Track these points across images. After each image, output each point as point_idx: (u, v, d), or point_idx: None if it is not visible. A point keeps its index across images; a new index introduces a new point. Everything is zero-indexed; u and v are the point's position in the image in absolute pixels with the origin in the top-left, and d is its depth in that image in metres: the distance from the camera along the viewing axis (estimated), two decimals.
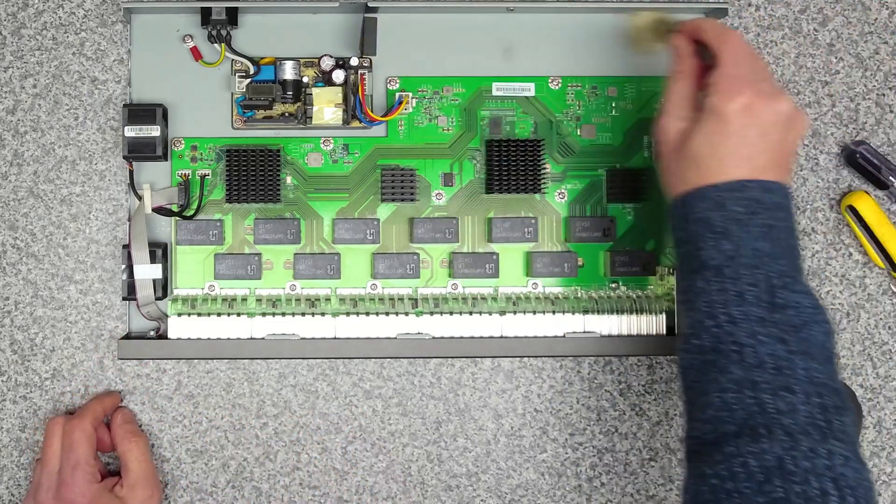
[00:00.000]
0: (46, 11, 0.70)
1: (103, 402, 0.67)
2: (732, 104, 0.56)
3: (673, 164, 0.59)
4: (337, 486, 0.70)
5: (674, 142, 0.59)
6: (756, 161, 0.56)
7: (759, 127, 0.56)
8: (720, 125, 0.56)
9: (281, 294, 0.69)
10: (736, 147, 0.56)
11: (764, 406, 0.51)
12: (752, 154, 0.56)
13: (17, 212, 0.69)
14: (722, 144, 0.56)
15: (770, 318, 0.53)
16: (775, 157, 0.57)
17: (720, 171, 0.56)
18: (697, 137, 0.57)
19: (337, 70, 0.68)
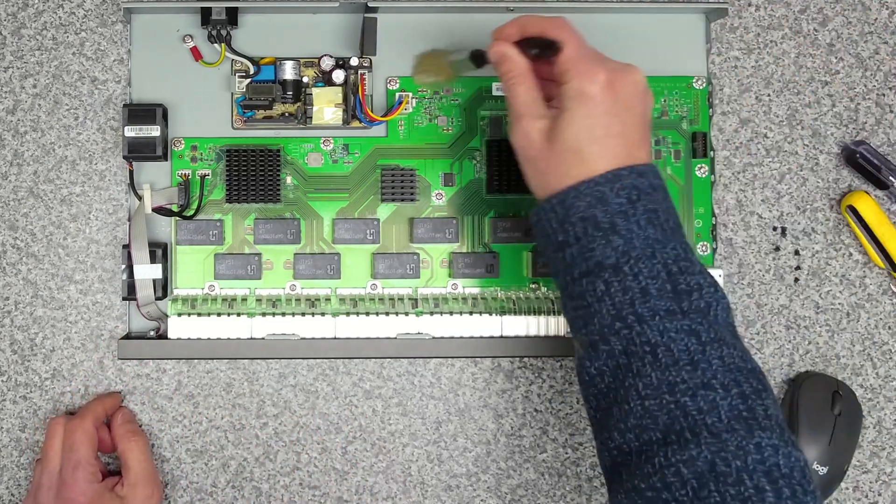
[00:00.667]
0: (46, 11, 0.70)
1: (104, 402, 0.68)
2: (594, 84, 0.55)
3: (546, 162, 0.56)
4: (337, 486, 0.70)
5: (540, 141, 0.56)
6: (629, 137, 0.55)
7: (623, 101, 0.55)
8: (589, 107, 0.55)
9: (281, 294, 0.69)
10: (610, 125, 0.55)
11: (685, 408, 0.50)
12: (623, 130, 0.55)
13: (17, 212, 0.69)
14: (597, 126, 0.55)
15: (678, 309, 0.52)
16: (642, 131, 0.57)
17: (601, 155, 0.54)
18: (571, 126, 0.55)
19: (337, 70, 0.68)
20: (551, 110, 0.57)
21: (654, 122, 0.70)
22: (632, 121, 0.56)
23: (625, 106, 0.56)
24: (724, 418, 0.49)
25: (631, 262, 0.53)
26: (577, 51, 0.57)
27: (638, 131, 0.56)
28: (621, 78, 0.56)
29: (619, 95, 0.55)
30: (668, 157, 0.70)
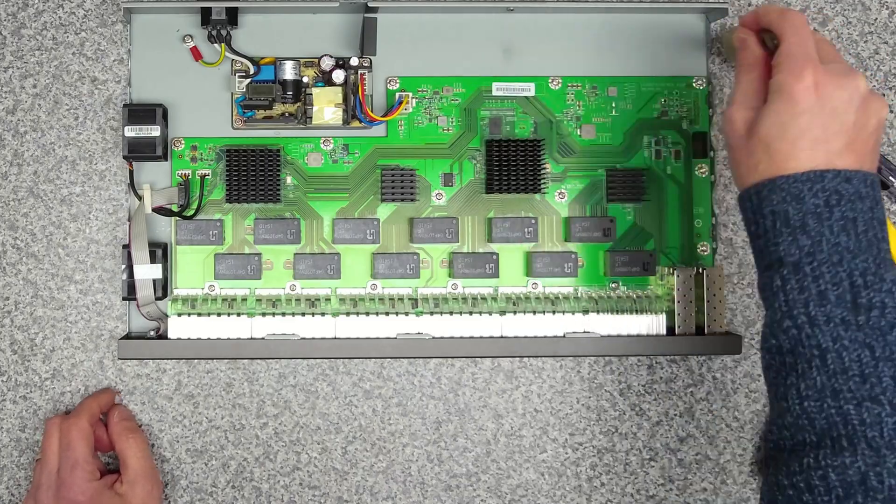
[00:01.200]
0: (46, 11, 0.70)
1: (99, 399, 0.67)
2: (800, 82, 0.54)
3: (742, 153, 0.56)
4: (337, 486, 0.70)
5: (742, 131, 0.56)
6: (830, 144, 0.53)
7: (830, 107, 0.53)
8: (788, 104, 0.54)
9: (281, 294, 0.69)
10: (807, 128, 0.53)
11: (847, 417, 0.49)
12: (824, 136, 0.53)
13: (17, 212, 0.69)
14: (791, 125, 0.53)
15: (854, 321, 0.50)
16: (851, 140, 0.54)
17: (791, 156, 0.53)
18: (766, 120, 0.54)
19: (337, 70, 0.68)
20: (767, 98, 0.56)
21: (654, 122, 0.70)
22: (838, 128, 0.53)
23: (830, 111, 0.53)
24: (887, 435, 0.48)
25: (814, 265, 0.51)
26: (795, 46, 0.55)
27: (844, 140, 0.53)
28: (834, 82, 0.54)
29: (826, 100, 0.53)
30: (668, 157, 0.70)
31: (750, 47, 0.59)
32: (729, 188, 0.71)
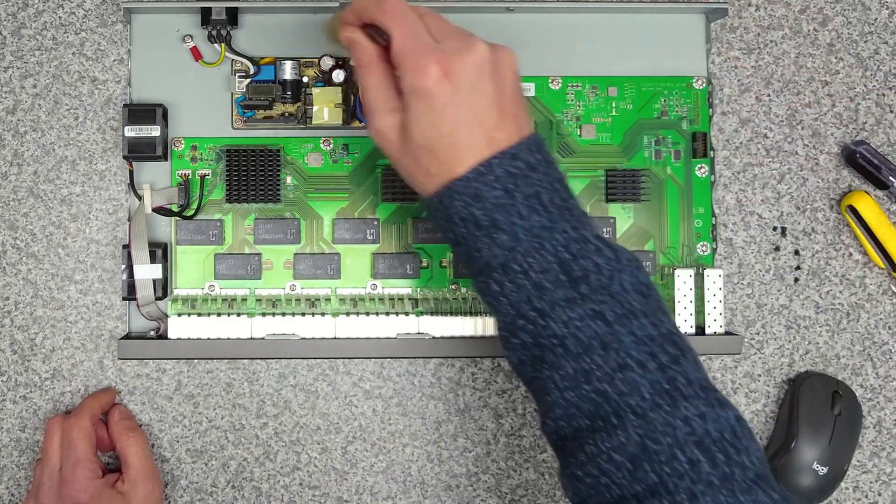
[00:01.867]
0: (46, 11, 0.70)
1: (99, 398, 0.67)
2: (427, 77, 0.50)
3: (408, 161, 0.53)
4: (337, 486, 0.70)
5: (396, 139, 0.53)
6: (485, 121, 0.51)
7: (468, 86, 0.51)
8: (428, 103, 0.51)
9: (281, 294, 0.69)
10: (457, 117, 0.51)
11: (606, 395, 0.48)
12: (476, 117, 0.51)
13: (17, 212, 0.69)
14: (442, 122, 0.51)
15: (577, 295, 0.49)
16: (501, 108, 0.52)
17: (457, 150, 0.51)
18: (416, 126, 0.51)
19: (337, 70, 0.68)
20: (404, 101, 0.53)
21: (654, 122, 0.70)
22: (482, 102, 0.51)
23: (469, 90, 0.51)
24: (647, 396, 0.48)
25: (519, 259, 0.50)
26: (404, 38, 0.52)
27: (495, 111, 0.51)
28: (460, 62, 0.51)
29: (459, 82, 0.51)
30: (668, 157, 0.70)
31: (361, 46, 0.54)
32: (729, 188, 0.71)
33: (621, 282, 0.50)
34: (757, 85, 0.72)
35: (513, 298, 0.51)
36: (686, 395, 0.48)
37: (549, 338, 0.50)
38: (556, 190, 0.52)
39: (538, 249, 0.50)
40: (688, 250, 0.70)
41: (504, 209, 0.50)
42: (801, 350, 0.71)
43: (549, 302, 0.50)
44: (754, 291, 0.71)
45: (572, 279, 0.50)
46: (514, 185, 0.50)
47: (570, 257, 0.50)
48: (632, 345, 0.49)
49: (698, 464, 0.46)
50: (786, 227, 0.72)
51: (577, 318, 0.49)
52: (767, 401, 0.71)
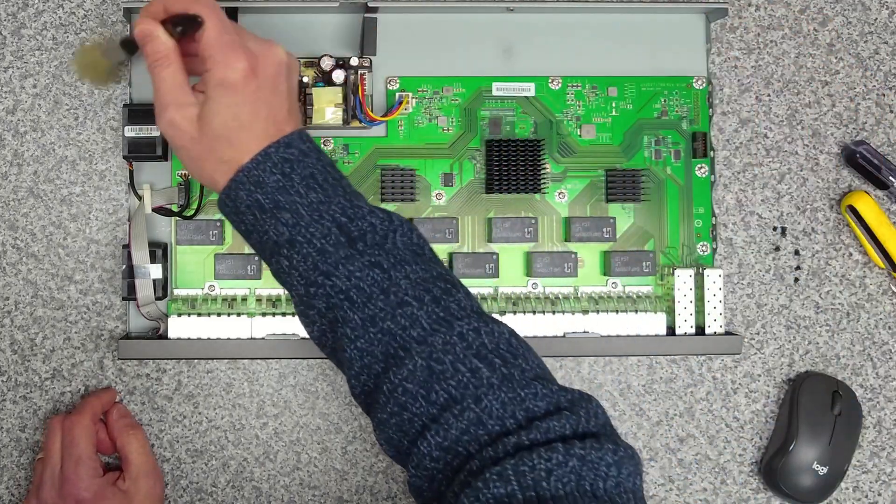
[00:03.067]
0: (46, 11, 0.70)
1: (100, 397, 0.67)
2: (235, 72, 0.55)
3: (199, 150, 0.56)
4: (337, 486, 0.70)
5: (189, 130, 0.56)
6: (277, 116, 0.56)
7: (267, 83, 0.56)
8: (234, 95, 0.55)
9: (281, 294, 0.68)
10: (256, 111, 0.55)
11: (391, 332, 0.52)
12: (271, 112, 0.56)
13: (17, 212, 0.69)
14: (244, 113, 0.55)
15: (356, 251, 0.54)
16: (289, 106, 0.57)
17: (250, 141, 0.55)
18: (217, 116, 0.55)
19: (337, 70, 0.68)
20: (198, 95, 0.56)
21: (654, 122, 0.70)
22: (278, 99, 0.56)
23: (269, 88, 0.56)
24: (426, 325, 0.52)
25: (302, 231, 0.54)
26: (217, 32, 0.55)
27: (285, 106, 0.57)
28: (262, 60, 0.56)
29: (262, 79, 0.55)
30: (668, 157, 0.70)
31: (158, 39, 0.56)
32: (729, 188, 0.71)
33: (394, 240, 0.55)
34: (757, 85, 0.72)
35: (301, 269, 0.55)
36: (459, 317, 0.52)
37: (336, 295, 0.54)
38: (328, 171, 0.56)
39: (318, 220, 0.54)
40: (688, 250, 0.70)
41: (284, 190, 0.54)
42: (801, 350, 0.71)
43: (332, 263, 0.54)
44: (754, 291, 0.71)
45: (350, 239, 0.54)
46: (290, 168, 0.55)
47: (347, 220, 0.54)
48: (407, 286, 0.53)
49: (478, 371, 0.51)
50: (786, 227, 0.72)
51: (357, 271, 0.53)
52: (767, 401, 0.71)
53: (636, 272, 0.69)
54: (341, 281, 0.53)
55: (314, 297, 0.54)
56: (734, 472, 0.71)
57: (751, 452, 0.71)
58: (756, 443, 0.71)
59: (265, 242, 0.56)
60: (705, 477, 0.71)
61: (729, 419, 0.71)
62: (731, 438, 0.71)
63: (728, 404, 0.71)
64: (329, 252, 0.54)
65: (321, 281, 0.54)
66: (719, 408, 0.71)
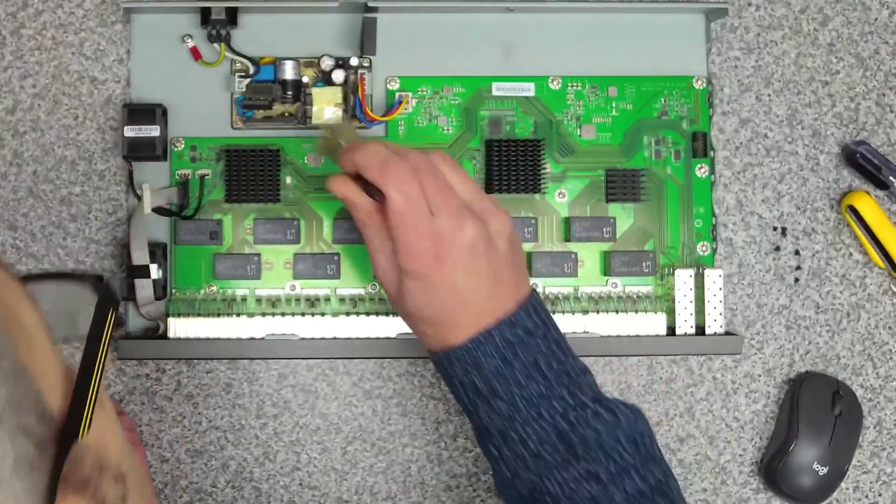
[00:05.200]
0: (46, 11, 0.70)
1: None
2: (420, 263, 0.51)
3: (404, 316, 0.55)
4: (337, 486, 0.70)
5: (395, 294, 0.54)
6: (479, 297, 0.52)
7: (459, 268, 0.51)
8: (423, 285, 0.51)
9: (281, 294, 0.68)
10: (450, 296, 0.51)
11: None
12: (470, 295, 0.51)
13: (17, 212, 0.69)
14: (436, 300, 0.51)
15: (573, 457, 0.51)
16: (496, 280, 0.52)
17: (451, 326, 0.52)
18: (409, 300, 0.52)
19: (337, 70, 0.68)
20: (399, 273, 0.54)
21: (654, 122, 0.70)
22: (477, 280, 0.51)
23: (463, 272, 0.51)
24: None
25: (517, 427, 0.51)
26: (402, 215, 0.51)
27: (488, 286, 0.52)
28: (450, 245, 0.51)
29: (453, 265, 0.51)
30: (668, 157, 0.70)
31: (356, 203, 0.54)
32: (729, 188, 0.71)
33: (618, 437, 0.52)
34: (757, 85, 0.72)
35: (510, 463, 0.52)
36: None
37: (543, 494, 0.51)
38: (553, 353, 0.52)
39: (536, 419, 0.51)
40: (688, 250, 0.70)
41: (503, 378, 0.51)
42: (802, 350, 0.71)
43: (545, 465, 0.51)
44: (754, 291, 0.71)
45: (569, 445, 0.51)
46: (512, 353, 0.51)
47: (568, 426, 0.51)
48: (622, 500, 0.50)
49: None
50: (786, 227, 0.72)
51: (572, 480, 0.51)
52: (767, 401, 0.71)
53: (636, 272, 0.69)
54: (552, 486, 0.51)
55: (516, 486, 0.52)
56: (734, 472, 0.71)
57: (751, 453, 0.71)
58: (756, 443, 0.71)
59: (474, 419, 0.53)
60: (705, 477, 0.71)
61: (729, 419, 0.71)
62: (731, 439, 0.71)
63: (728, 404, 0.71)
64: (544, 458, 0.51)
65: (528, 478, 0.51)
66: (719, 408, 0.71)
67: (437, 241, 0.51)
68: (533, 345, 0.52)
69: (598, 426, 0.51)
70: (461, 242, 0.51)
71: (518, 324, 0.52)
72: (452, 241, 0.51)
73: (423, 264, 0.51)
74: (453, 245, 0.51)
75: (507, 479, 0.53)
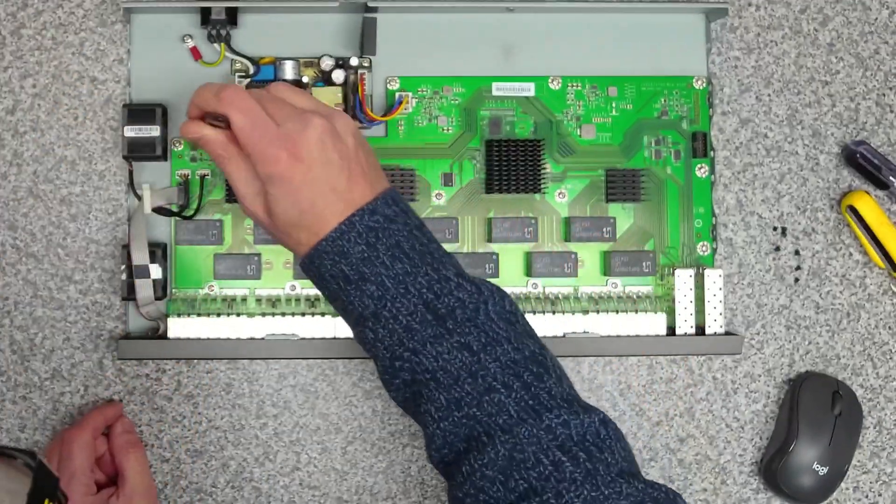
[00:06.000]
0: (46, 11, 0.70)
1: (104, 412, 0.67)
2: (279, 164, 0.53)
3: (279, 234, 0.56)
4: (337, 486, 0.70)
5: (265, 217, 0.56)
6: (338, 187, 0.54)
7: (315, 162, 0.54)
8: (285, 185, 0.54)
9: (281, 294, 0.68)
10: (313, 191, 0.54)
11: (476, 418, 0.52)
12: (329, 186, 0.54)
13: (17, 212, 0.69)
14: (301, 199, 0.54)
15: (444, 330, 0.53)
16: (350, 172, 0.55)
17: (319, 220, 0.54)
18: (277, 208, 0.54)
19: (337, 70, 0.68)
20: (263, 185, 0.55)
21: (654, 122, 0.70)
22: (333, 171, 0.54)
23: (321, 165, 0.54)
24: (514, 413, 0.51)
25: (388, 306, 0.53)
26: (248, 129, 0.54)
27: (344, 176, 0.55)
28: (303, 141, 0.54)
29: (310, 160, 0.54)
30: (668, 157, 0.70)
31: (211, 139, 0.56)
32: (729, 188, 0.71)
33: (486, 311, 0.54)
34: (757, 85, 0.72)
35: (387, 343, 0.54)
36: (549, 407, 0.52)
37: (422, 373, 0.53)
38: (415, 237, 0.55)
39: (404, 295, 0.53)
40: (688, 250, 0.70)
41: (369, 262, 0.54)
42: (802, 350, 0.71)
43: (419, 341, 0.53)
44: (754, 291, 0.71)
45: (438, 317, 0.53)
46: (375, 237, 0.54)
47: (434, 297, 0.53)
48: (497, 370, 0.53)
49: (561, 464, 0.50)
50: (786, 227, 0.72)
51: (446, 352, 0.53)
52: (767, 401, 0.71)
53: (636, 272, 0.69)
54: (428, 361, 0.53)
55: (399, 370, 0.54)
56: (734, 472, 0.71)
57: (751, 453, 0.71)
58: (756, 443, 0.71)
59: (349, 311, 0.55)
60: (705, 477, 0.71)
61: (729, 419, 0.71)
62: (731, 439, 0.71)
63: (728, 404, 0.71)
64: (415, 330, 0.53)
65: (407, 356, 0.53)
66: (719, 408, 0.71)
67: (289, 142, 0.54)
68: (394, 230, 0.54)
69: (461, 295, 0.53)
70: (311, 137, 0.54)
71: (378, 211, 0.54)
72: (303, 139, 0.54)
73: (282, 165, 0.54)
74: (305, 142, 0.54)
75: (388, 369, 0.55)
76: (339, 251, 0.54)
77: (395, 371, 0.54)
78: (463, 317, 0.53)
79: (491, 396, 0.52)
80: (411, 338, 0.53)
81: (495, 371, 0.52)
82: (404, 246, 0.54)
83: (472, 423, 0.52)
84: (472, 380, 0.52)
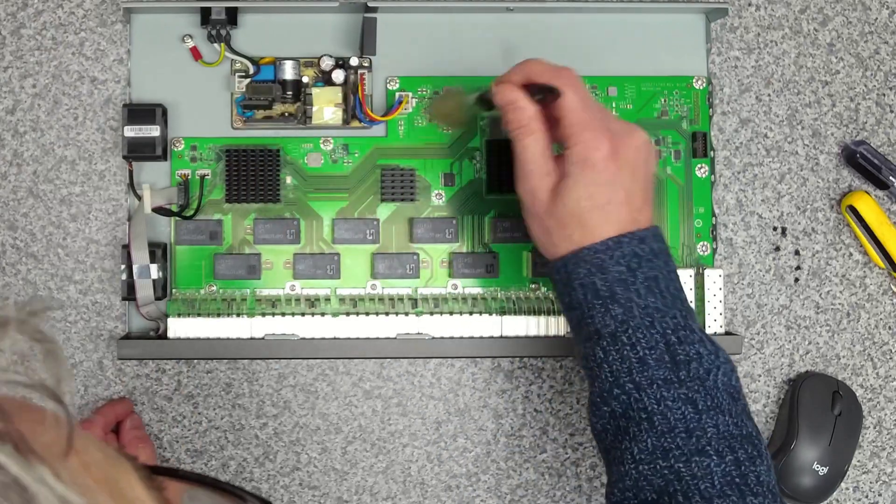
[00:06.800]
0: (46, 11, 0.70)
1: (115, 408, 0.67)
2: (598, 152, 0.54)
3: (551, 223, 0.56)
4: (337, 486, 0.70)
5: (547, 201, 0.56)
6: (632, 202, 0.55)
7: (627, 168, 0.55)
8: (592, 175, 0.54)
9: (281, 294, 0.68)
10: (613, 193, 0.55)
11: (679, 474, 0.51)
12: (627, 197, 0.55)
13: (17, 212, 0.69)
14: (599, 194, 0.54)
15: (676, 378, 0.52)
16: (645, 193, 0.56)
17: (603, 223, 0.54)
18: (573, 193, 0.55)
19: (337, 70, 0.68)
20: (559, 164, 0.56)
21: (654, 122, 0.70)
22: (635, 186, 0.55)
23: (629, 172, 0.55)
24: (717, 484, 0.50)
25: (629, 332, 0.53)
26: (580, 109, 0.55)
27: (641, 195, 0.56)
28: (625, 144, 0.55)
29: (623, 163, 0.55)
30: (668, 157, 0.70)
31: (522, 108, 0.56)
32: (729, 188, 0.71)
33: (716, 378, 0.53)
34: (757, 85, 0.72)
35: (614, 368, 0.53)
36: (755, 493, 0.50)
37: (638, 410, 0.52)
38: (671, 280, 0.55)
39: (649, 327, 0.53)
40: (688, 250, 0.70)
41: (624, 284, 0.53)
42: (801, 350, 0.71)
43: (648, 378, 0.52)
44: (754, 291, 0.71)
45: (675, 362, 0.52)
46: (637, 264, 0.54)
47: (677, 341, 0.53)
48: (714, 436, 0.51)
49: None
50: (786, 227, 0.72)
51: (670, 399, 0.52)
52: (767, 401, 0.71)
53: None
54: (649, 401, 0.52)
55: (615, 398, 0.53)
56: None
57: None
58: None
59: (585, 324, 0.55)
60: None
61: None
62: None
63: None
64: (649, 365, 0.52)
65: (629, 389, 0.53)
66: None
67: (614, 138, 0.54)
68: (656, 265, 0.54)
69: (701, 350, 0.53)
70: (635, 143, 0.55)
71: (646, 241, 0.55)
72: (627, 142, 0.55)
73: (600, 154, 0.54)
74: (627, 146, 0.55)
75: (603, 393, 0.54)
76: (598, 264, 0.54)
77: (609, 398, 0.53)
78: (696, 372, 0.52)
79: (700, 459, 0.51)
80: (641, 371, 0.52)
81: (712, 436, 0.51)
82: (661, 283, 0.54)
83: (672, 478, 0.51)
84: (686, 435, 0.51)
